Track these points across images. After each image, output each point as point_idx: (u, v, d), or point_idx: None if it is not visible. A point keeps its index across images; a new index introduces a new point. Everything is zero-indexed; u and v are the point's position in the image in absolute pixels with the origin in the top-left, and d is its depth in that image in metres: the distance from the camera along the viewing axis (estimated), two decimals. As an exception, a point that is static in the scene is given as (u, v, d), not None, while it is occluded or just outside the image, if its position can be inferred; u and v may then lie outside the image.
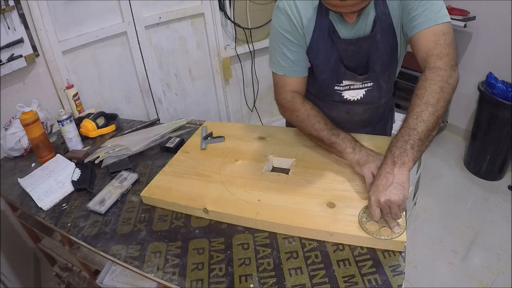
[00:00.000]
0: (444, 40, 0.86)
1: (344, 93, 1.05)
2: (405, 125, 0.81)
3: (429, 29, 0.86)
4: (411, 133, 0.78)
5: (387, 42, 0.95)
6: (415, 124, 0.79)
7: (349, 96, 1.05)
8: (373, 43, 0.95)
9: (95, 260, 1.23)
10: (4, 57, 1.44)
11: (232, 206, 0.91)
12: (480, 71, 2.36)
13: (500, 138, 2.17)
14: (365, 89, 1.04)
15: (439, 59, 0.85)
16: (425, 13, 0.86)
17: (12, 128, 1.37)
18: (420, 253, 1.85)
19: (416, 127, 0.79)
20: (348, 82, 1.03)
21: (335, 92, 1.06)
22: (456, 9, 2.17)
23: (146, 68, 2.00)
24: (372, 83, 1.03)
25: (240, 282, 0.75)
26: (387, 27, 0.94)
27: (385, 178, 0.78)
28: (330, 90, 1.06)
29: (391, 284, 0.71)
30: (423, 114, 0.79)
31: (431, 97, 0.81)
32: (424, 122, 0.79)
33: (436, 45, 0.86)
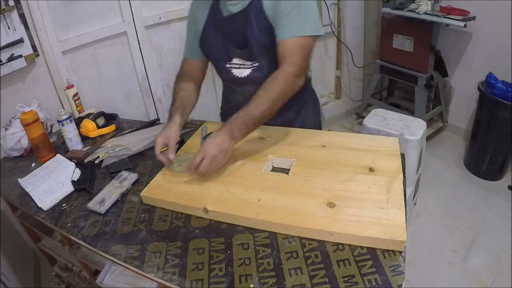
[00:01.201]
0: (300, 52, 1.01)
1: (233, 70, 1.17)
2: (246, 109, 0.99)
3: (290, 40, 1.01)
4: (249, 117, 0.98)
5: (261, 25, 1.05)
6: (255, 111, 0.98)
7: (237, 73, 1.16)
8: (246, 22, 1.06)
9: (95, 260, 1.23)
10: (4, 57, 1.44)
11: (232, 206, 0.91)
12: (480, 71, 2.36)
13: (500, 138, 2.17)
14: (251, 68, 1.14)
15: (291, 67, 1.00)
16: (290, 24, 1.00)
17: (12, 128, 1.37)
18: (420, 253, 1.85)
19: (254, 113, 0.98)
20: (238, 61, 1.14)
21: (226, 69, 1.18)
22: (456, 9, 2.17)
23: (146, 68, 2.00)
24: (258, 63, 1.12)
25: (240, 282, 0.75)
26: (260, 11, 1.04)
27: (219, 138, 0.97)
28: (221, 67, 1.19)
29: (391, 284, 0.71)
30: (262, 105, 0.98)
31: (274, 95, 0.99)
32: (261, 112, 0.98)
33: (292, 54, 1.01)
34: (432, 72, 2.47)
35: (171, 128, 1.08)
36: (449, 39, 2.55)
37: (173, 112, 1.14)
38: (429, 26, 2.29)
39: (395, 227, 0.79)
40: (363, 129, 1.95)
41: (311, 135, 1.19)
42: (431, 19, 2.21)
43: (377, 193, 0.90)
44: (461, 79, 2.61)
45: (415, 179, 1.93)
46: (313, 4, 1.04)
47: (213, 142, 0.97)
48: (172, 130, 1.07)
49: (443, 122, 2.80)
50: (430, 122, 2.75)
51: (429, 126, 2.70)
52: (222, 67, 1.19)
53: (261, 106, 0.98)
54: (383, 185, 0.93)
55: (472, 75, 2.48)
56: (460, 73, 2.60)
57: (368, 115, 2.00)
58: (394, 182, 0.93)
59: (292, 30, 1.00)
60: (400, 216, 0.82)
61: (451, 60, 2.58)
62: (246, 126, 0.98)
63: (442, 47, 2.54)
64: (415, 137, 1.76)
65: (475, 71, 2.45)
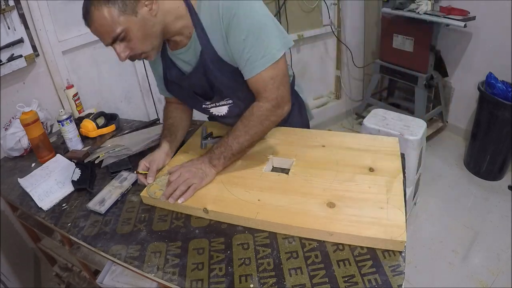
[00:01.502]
0: (272, 85, 0.94)
1: (211, 109, 1.14)
2: (225, 140, 1.00)
3: (258, 76, 0.93)
4: (227, 149, 0.99)
5: (222, 69, 0.98)
6: (232, 143, 0.99)
7: (215, 111, 1.14)
8: (206, 73, 0.99)
9: (95, 260, 1.23)
10: (4, 57, 1.45)
11: (232, 206, 0.91)
12: (480, 71, 2.36)
13: (500, 138, 2.17)
14: (227, 106, 1.11)
15: (267, 102, 0.96)
16: (251, 60, 0.91)
17: (12, 128, 1.37)
18: (420, 253, 1.85)
19: (232, 146, 0.99)
20: (213, 102, 1.10)
21: (204, 109, 1.16)
22: (456, 9, 2.17)
23: (146, 68, 1.99)
24: (232, 101, 1.09)
25: (240, 282, 0.75)
26: (216, 59, 0.96)
27: (199, 162, 1.01)
28: (199, 108, 1.16)
29: (391, 284, 0.71)
30: (240, 138, 0.99)
31: (251, 129, 0.98)
32: (239, 144, 0.99)
33: (265, 90, 0.95)
34: (432, 72, 2.47)
35: (157, 154, 1.09)
36: (449, 39, 2.55)
37: (161, 140, 1.15)
38: (429, 26, 2.29)
39: (395, 227, 0.79)
40: (363, 129, 1.95)
41: (311, 135, 1.19)
42: (431, 19, 2.21)
43: (377, 193, 0.90)
44: (461, 79, 2.61)
45: (415, 179, 1.93)
46: (263, 15, 0.90)
47: (191, 162, 1.02)
48: (156, 156, 1.08)
49: (443, 122, 2.80)
50: (430, 122, 2.75)
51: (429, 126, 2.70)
52: (198, 109, 1.17)
53: (239, 138, 0.98)
54: (383, 185, 0.93)
55: (472, 75, 2.48)
56: (460, 73, 2.60)
57: (368, 115, 2.00)
58: (394, 182, 0.93)
59: (255, 65, 0.91)
60: (400, 216, 0.82)
61: (451, 60, 2.58)
62: (224, 157, 1.00)
63: (442, 47, 2.54)
64: (415, 137, 1.76)
65: (475, 71, 2.44)
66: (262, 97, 0.96)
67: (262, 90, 0.95)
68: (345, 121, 3.14)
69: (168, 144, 1.13)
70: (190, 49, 0.98)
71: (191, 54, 0.99)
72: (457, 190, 2.26)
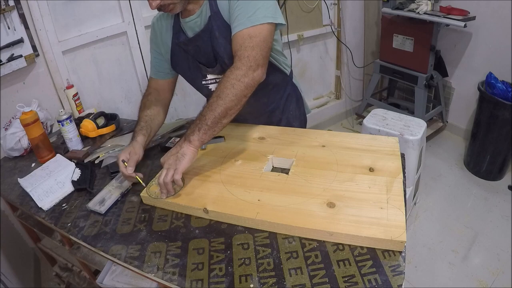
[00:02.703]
0: (249, 43, 0.94)
1: (210, 86, 1.15)
2: (200, 112, 0.97)
3: (239, 33, 0.95)
4: (201, 119, 0.94)
5: (227, 37, 1.01)
6: (206, 112, 0.94)
7: (214, 88, 1.14)
8: (211, 38, 1.03)
9: (95, 260, 1.23)
10: (4, 57, 1.45)
11: (232, 206, 0.91)
12: (480, 71, 2.36)
13: (500, 138, 2.17)
14: None
15: (239, 60, 0.94)
16: (238, 17, 0.95)
17: (12, 128, 1.37)
18: (420, 253, 1.85)
19: (205, 115, 0.94)
20: (212, 76, 1.13)
21: (203, 86, 1.16)
22: (456, 9, 2.17)
23: (146, 68, 2.00)
24: None
25: (240, 282, 0.75)
26: (223, 24, 1.01)
27: (174, 148, 0.98)
28: (198, 85, 1.17)
29: (391, 284, 0.71)
30: (213, 105, 0.94)
31: (221, 92, 0.93)
32: (212, 111, 0.93)
33: (240, 47, 0.94)
34: (432, 72, 2.47)
35: (136, 147, 1.07)
36: (449, 39, 2.55)
37: (137, 132, 1.13)
38: (429, 26, 2.29)
39: (395, 227, 0.79)
40: (363, 129, 1.95)
41: (311, 135, 1.19)
42: (431, 19, 2.21)
43: (377, 193, 0.90)
44: (461, 79, 2.61)
45: (415, 179, 1.93)
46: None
47: (169, 151, 1.00)
48: (137, 148, 1.07)
49: (443, 122, 2.80)
50: (430, 122, 2.75)
51: (429, 126, 2.70)
52: (198, 85, 1.18)
53: (215, 111, 0.93)
54: (383, 185, 0.93)
55: (472, 75, 2.48)
56: (460, 73, 2.60)
57: (368, 115, 2.00)
58: (394, 182, 0.93)
59: (241, 22, 0.94)
60: (400, 216, 0.82)
61: (451, 60, 2.58)
62: (198, 129, 0.94)
63: (442, 47, 2.54)
64: (415, 137, 1.76)
65: (475, 71, 2.45)
66: (237, 56, 0.95)
67: (238, 47, 0.94)
68: (345, 121, 3.14)
69: (143, 137, 1.11)
70: (199, 16, 1.04)
71: (200, 20, 1.04)
72: (457, 190, 2.26)
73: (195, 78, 1.17)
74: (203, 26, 1.04)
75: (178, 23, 1.10)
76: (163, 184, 0.94)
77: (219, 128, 0.96)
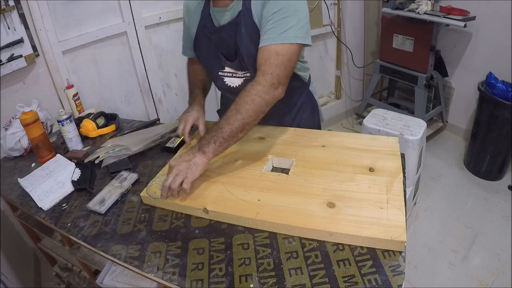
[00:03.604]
0: (274, 60, 0.94)
1: (225, 79, 1.16)
2: (217, 123, 0.97)
3: (267, 47, 0.95)
4: (218, 132, 0.95)
5: (252, 35, 1.02)
6: (223, 125, 0.95)
7: (229, 82, 1.16)
8: (236, 33, 1.04)
9: (95, 260, 1.23)
10: (4, 57, 1.45)
11: (232, 206, 0.91)
12: (480, 71, 2.36)
13: (500, 138, 2.17)
14: (243, 78, 1.13)
15: (262, 76, 0.95)
16: (270, 31, 0.95)
17: (12, 128, 1.37)
18: (420, 253, 1.85)
19: (222, 127, 0.94)
20: (230, 70, 1.13)
21: (219, 77, 1.17)
22: (456, 9, 2.17)
23: (146, 68, 2.00)
24: (249, 74, 1.11)
25: (240, 282, 0.75)
26: (250, 23, 1.01)
27: (187, 155, 0.96)
28: (214, 75, 1.19)
29: (391, 284, 0.71)
30: (231, 118, 0.94)
31: (241, 106, 0.94)
32: (230, 125, 0.94)
33: (265, 62, 0.95)
34: (432, 72, 2.47)
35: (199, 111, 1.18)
36: (449, 39, 2.55)
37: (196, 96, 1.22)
38: (429, 26, 2.29)
39: (395, 227, 0.79)
40: (363, 129, 1.95)
41: (311, 135, 1.19)
42: (431, 19, 2.21)
43: (377, 193, 0.90)
44: (461, 79, 2.61)
45: (415, 179, 1.93)
46: (301, 8, 0.97)
47: (179, 156, 1.01)
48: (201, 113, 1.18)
49: (443, 122, 2.80)
50: (430, 122, 2.75)
51: (429, 126, 2.70)
52: (214, 74, 1.18)
53: (232, 125, 0.94)
54: (383, 185, 0.93)
55: (472, 75, 2.48)
56: (460, 73, 2.60)
57: (368, 115, 2.00)
58: (394, 182, 0.93)
59: (271, 37, 0.95)
60: (400, 216, 0.82)
61: (451, 60, 2.58)
62: (214, 141, 0.94)
63: (442, 47, 2.54)
64: (415, 137, 1.76)
65: (475, 71, 2.45)
66: (260, 70, 0.95)
67: (264, 62, 0.95)
68: (345, 121, 3.15)
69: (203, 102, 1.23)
70: (230, 10, 1.04)
71: (229, 15, 1.05)
72: (457, 190, 2.26)
73: (213, 67, 1.17)
74: (231, 19, 1.04)
75: (208, 8, 1.10)
76: (168, 188, 0.93)
77: (234, 141, 0.96)
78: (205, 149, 0.94)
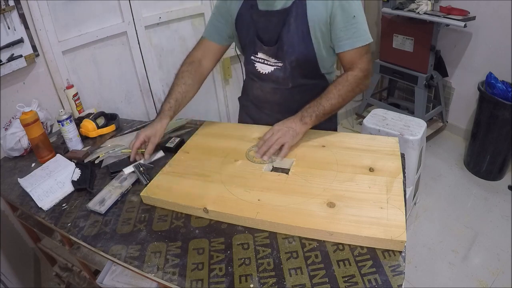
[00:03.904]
0: (366, 58, 1.12)
1: (257, 64, 1.21)
2: (319, 100, 1.10)
3: (357, 49, 1.10)
4: (319, 107, 1.09)
5: (299, 28, 1.09)
6: (325, 103, 1.09)
7: (260, 68, 1.21)
8: (284, 22, 1.09)
9: (95, 260, 1.23)
10: (4, 57, 1.44)
11: (232, 206, 0.91)
12: (480, 71, 2.36)
13: (500, 138, 2.17)
14: (274, 67, 1.18)
15: (361, 72, 1.12)
16: (354, 35, 1.07)
17: (12, 128, 1.37)
18: (420, 253, 1.85)
19: (325, 106, 1.09)
20: (263, 56, 1.19)
21: (251, 61, 1.22)
22: (456, 9, 2.17)
23: (146, 68, 2.00)
24: (282, 64, 1.16)
25: (240, 282, 0.75)
26: (302, 16, 1.08)
27: (289, 121, 1.10)
28: (248, 58, 1.24)
29: (391, 284, 0.71)
30: (333, 100, 1.10)
31: (344, 93, 1.10)
32: (331, 105, 1.10)
33: (361, 60, 1.12)
34: (432, 72, 2.47)
35: (157, 129, 1.15)
36: (449, 39, 2.55)
37: (165, 111, 1.18)
38: (429, 26, 2.29)
39: (395, 227, 0.79)
40: (363, 129, 1.95)
41: (311, 135, 1.19)
42: (431, 19, 2.21)
43: (377, 193, 0.90)
44: (461, 79, 2.61)
45: (415, 179, 1.93)
46: (363, 13, 1.09)
47: (282, 122, 1.11)
48: (157, 131, 1.15)
49: (443, 122, 2.80)
50: (430, 122, 2.75)
51: (429, 126, 2.70)
52: (247, 58, 1.24)
53: (331, 100, 1.09)
54: (383, 185, 0.93)
55: (472, 75, 2.48)
56: (460, 73, 2.61)
57: (368, 115, 2.00)
58: (394, 182, 0.93)
59: (356, 41, 1.08)
60: (400, 216, 0.82)
61: (451, 60, 2.58)
62: (316, 115, 1.09)
63: (442, 47, 2.54)
64: (415, 137, 1.76)
65: (475, 71, 2.45)
66: (356, 67, 1.11)
67: (358, 60, 1.11)
68: (345, 121, 3.15)
69: (168, 121, 1.18)
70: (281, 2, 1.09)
71: (282, 3, 1.09)
72: (457, 190, 2.26)
73: (247, 50, 1.22)
74: (282, 7, 1.09)
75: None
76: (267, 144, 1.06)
77: (327, 117, 1.12)
78: (306, 120, 1.09)
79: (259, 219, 0.86)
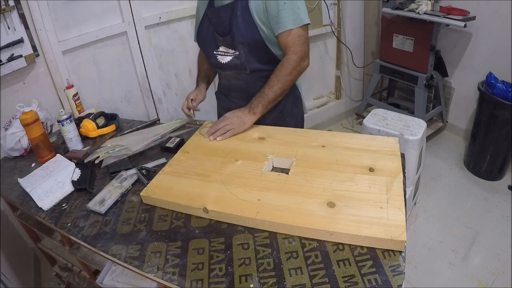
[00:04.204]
0: (299, 41, 1.18)
1: (218, 57, 1.32)
2: (262, 90, 1.22)
3: (288, 31, 1.16)
4: (264, 97, 1.21)
5: (245, 20, 1.19)
6: (268, 92, 1.20)
7: (220, 59, 1.32)
8: (232, 14, 1.20)
9: (95, 260, 1.23)
10: (4, 57, 1.45)
11: (232, 206, 0.91)
12: (480, 71, 2.36)
13: (500, 138, 2.17)
14: (232, 56, 1.28)
15: (294, 54, 1.19)
16: (287, 18, 1.14)
17: (12, 128, 1.37)
18: (420, 253, 1.85)
19: (268, 94, 1.20)
20: (223, 49, 1.30)
21: (213, 55, 1.33)
22: (456, 9, 2.17)
23: (146, 68, 2.00)
24: (237, 52, 1.26)
25: (240, 282, 0.75)
26: (245, 7, 1.18)
27: (239, 111, 1.24)
28: (209, 54, 1.35)
29: (391, 284, 0.71)
30: (274, 87, 1.20)
31: (283, 78, 1.19)
32: (273, 92, 1.20)
33: (293, 44, 1.18)
34: (432, 72, 2.47)
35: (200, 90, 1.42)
36: (449, 39, 2.55)
37: (200, 80, 1.46)
38: (429, 26, 2.29)
39: (395, 227, 0.79)
40: (363, 129, 1.95)
41: (311, 135, 1.20)
42: (431, 19, 2.21)
43: (377, 193, 0.90)
44: (461, 79, 2.61)
45: (415, 179, 1.93)
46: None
47: (233, 111, 1.24)
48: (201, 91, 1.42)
49: (443, 122, 2.80)
50: (430, 122, 2.75)
51: (429, 126, 2.70)
52: (210, 53, 1.34)
53: (273, 87, 1.19)
54: (383, 185, 0.93)
55: (472, 75, 2.48)
56: (460, 73, 2.60)
57: (368, 115, 2.00)
58: (394, 182, 0.93)
59: (288, 24, 1.15)
60: (400, 216, 0.82)
61: (451, 60, 2.58)
62: (262, 105, 1.20)
63: (442, 47, 2.54)
64: (415, 137, 1.76)
65: (475, 71, 2.45)
66: (290, 50, 1.18)
67: (291, 44, 1.18)
68: (345, 121, 3.14)
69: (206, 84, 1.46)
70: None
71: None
72: (457, 190, 2.26)
73: (209, 46, 1.33)
74: (229, 1, 1.20)
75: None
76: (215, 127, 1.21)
77: (274, 104, 1.23)
78: (254, 110, 1.21)
79: (259, 219, 0.86)
